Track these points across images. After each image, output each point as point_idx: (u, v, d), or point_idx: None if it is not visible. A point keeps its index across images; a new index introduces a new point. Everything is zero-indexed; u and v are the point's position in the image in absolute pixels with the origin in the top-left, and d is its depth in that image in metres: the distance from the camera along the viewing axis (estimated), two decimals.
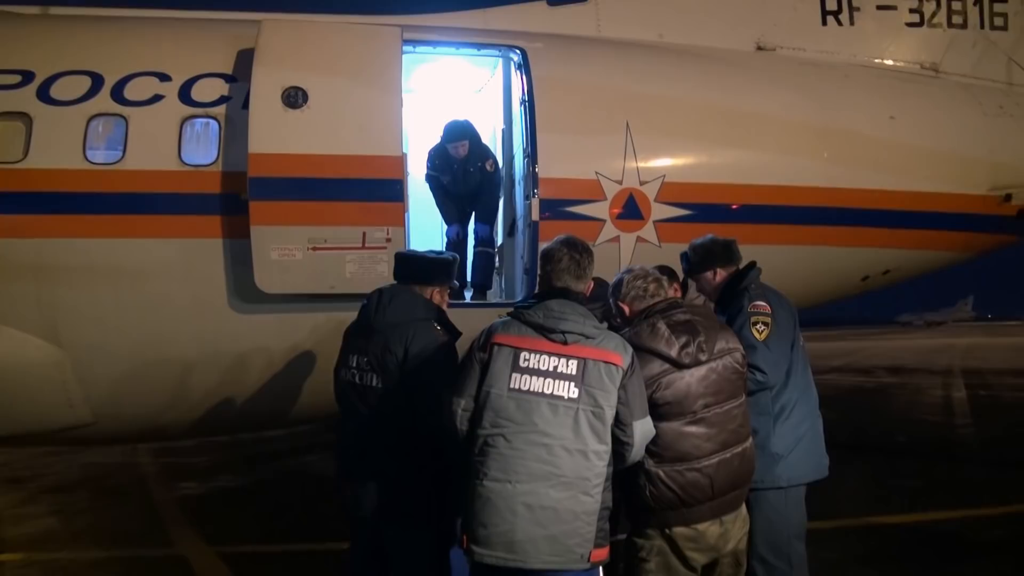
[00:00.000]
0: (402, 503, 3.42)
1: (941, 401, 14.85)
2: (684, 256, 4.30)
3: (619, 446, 2.97)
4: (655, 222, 6.24)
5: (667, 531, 3.21)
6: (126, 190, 5.51)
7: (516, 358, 2.89)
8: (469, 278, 6.68)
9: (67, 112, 5.57)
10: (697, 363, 3.23)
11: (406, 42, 6.18)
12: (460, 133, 6.42)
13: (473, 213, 6.72)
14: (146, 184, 5.54)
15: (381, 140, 5.52)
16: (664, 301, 3.36)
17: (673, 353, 3.19)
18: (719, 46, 7.29)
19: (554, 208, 6.05)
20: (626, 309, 3.42)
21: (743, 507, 3.42)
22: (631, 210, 6.19)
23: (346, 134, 5.49)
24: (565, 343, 2.90)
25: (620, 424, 2.94)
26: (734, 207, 6.44)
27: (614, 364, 2.91)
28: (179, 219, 5.59)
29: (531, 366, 2.87)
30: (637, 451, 3.01)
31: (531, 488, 2.81)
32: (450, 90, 7.77)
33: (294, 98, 5.44)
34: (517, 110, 6.55)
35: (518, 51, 6.41)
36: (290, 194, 5.41)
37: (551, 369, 2.87)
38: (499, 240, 7.13)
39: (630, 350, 3.02)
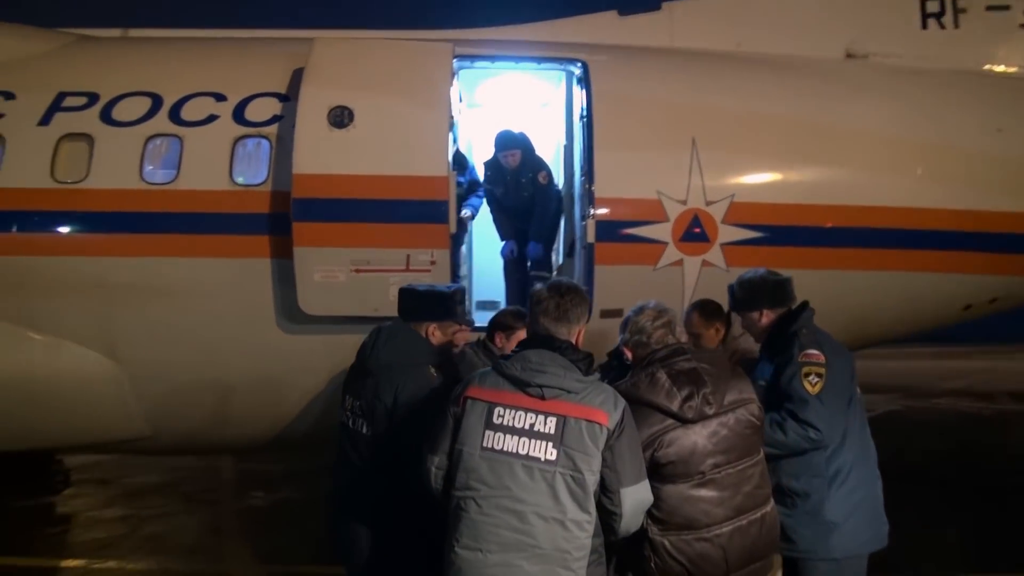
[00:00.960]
0: (390, 558, 3.23)
1: None
2: (731, 290, 3.93)
3: (606, 516, 2.64)
4: (722, 245, 5.81)
5: None
6: (178, 210, 5.58)
7: (490, 414, 2.62)
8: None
9: (126, 133, 5.69)
10: (703, 417, 2.87)
11: (462, 57, 6.04)
12: (511, 142, 6.22)
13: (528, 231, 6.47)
14: (197, 204, 5.59)
15: (426, 160, 5.38)
16: (666, 348, 2.99)
17: (675, 407, 2.85)
18: (804, 54, 6.75)
19: (612, 230, 5.73)
20: (628, 354, 3.08)
21: None
22: (696, 232, 5.78)
23: (391, 154, 5.37)
24: (543, 398, 2.61)
25: (606, 491, 2.62)
26: (811, 229, 5.92)
27: (597, 423, 2.58)
28: (229, 239, 5.63)
29: (505, 423, 2.60)
30: (629, 522, 2.66)
31: (503, 559, 2.53)
32: (517, 104, 7.56)
33: (340, 117, 5.36)
34: (577, 126, 6.26)
35: (579, 64, 6.13)
36: (334, 215, 5.34)
37: (527, 427, 2.58)
38: (560, 260, 6.85)
39: (621, 407, 2.67)
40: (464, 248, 6.93)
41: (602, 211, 5.71)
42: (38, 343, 5.61)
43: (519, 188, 6.35)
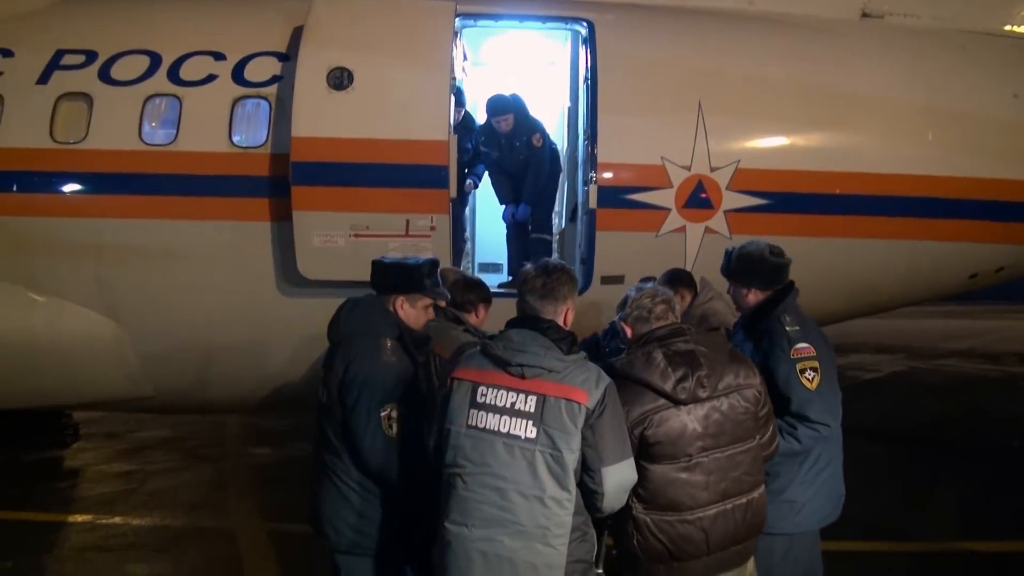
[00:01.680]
0: (348, 530, 3.24)
1: None
2: (727, 255, 3.79)
3: (589, 494, 2.66)
4: (726, 212, 5.74)
5: None
6: (177, 171, 5.54)
7: (474, 393, 2.67)
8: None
9: (125, 92, 5.63)
10: (696, 400, 2.84)
11: (465, 16, 5.91)
12: (502, 106, 6.13)
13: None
14: (196, 166, 5.55)
15: (427, 124, 5.30)
16: (666, 327, 2.95)
17: (668, 387, 2.81)
18: (818, 13, 6.55)
19: (614, 195, 5.67)
20: (628, 331, 3.04)
21: (749, 562, 3.04)
22: (699, 198, 5.71)
23: (391, 117, 5.31)
24: (523, 377, 2.64)
25: (588, 470, 2.62)
26: (817, 196, 5.83)
27: (576, 402, 2.59)
28: (229, 201, 5.60)
29: (488, 402, 2.64)
30: (611, 500, 2.67)
31: (486, 534, 2.60)
32: (523, 63, 7.42)
33: (339, 79, 5.27)
34: (582, 87, 6.14)
35: (585, 23, 5.98)
36: (333, 179, 5.30)
37: (508, 406, 2.62)
38: (562, 225, 6.80)
39: (603, 386, 2.66)
40: (467, 210, 6.88)
41: (604, 176, 5.64)
42: (39, 304, 5.64)
43: (513, 151, 6.27)
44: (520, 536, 2.58)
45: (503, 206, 6.59)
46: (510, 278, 6.46)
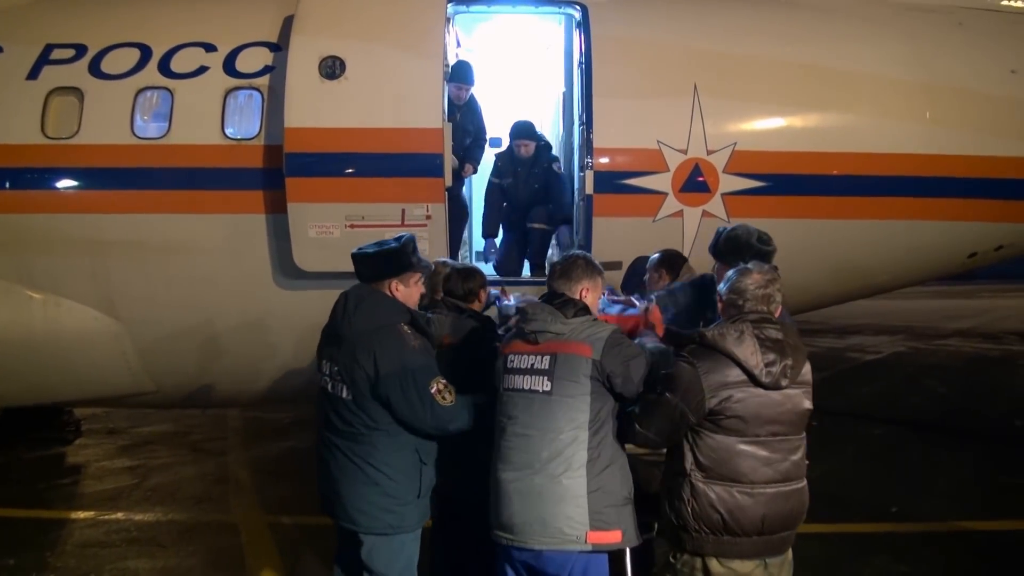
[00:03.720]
0: (382, 513, 3.35)
1: None
2: (717, 234, 3.93)
3: (628, 425, 3.12)
4: (723, 195, 5.70)
5: (704, 560, 2.95)
6: (170, 165, 5.51)
7: (507, 361, 3.23)
8: (527, 256, 6.40)
9: (116, 86, 5.60)
10: (777, 387, 2.93)
11: (457, 2, 5.86)
12: (526, 132, 6.06)
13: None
14: (189, 159, 5.52)
15: (420, 112, 5.26)
16: (758, 313, 3.04)
17: (756, 368, 2.91)
18: None
19: (611, 180, 5.64)
20: (720, 306, 3.14)
21: (789, 553, 3.10)
22: (696, 182, 5.68)
23: (384, 106, 5.27)
24: (536, 342, 3.15)
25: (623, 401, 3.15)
26: (815, 178, 5.80)
27: (582, 356, 3.08)
28: (222, 194, 5.57)
29: (515, 366, 3.19)
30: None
31: (518, 476, 3.09)
32: (517, 49, 7.35)
33: (331, 68, 5.24)
34: (576, 72, 6.10)
35: (578, 7, 5.93)
36: (327, 170, 5.27)
37: (529, 367, 3.14)
38: None
39: (604, 337, 3.09)
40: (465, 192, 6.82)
41: (600, 161, 5.61)
42: (36, 301, 5.62)
43: (531, 178, 6.25)
44: (545, 474, 3.03)
45: (484, 239, 6.55)
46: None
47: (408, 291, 3.51)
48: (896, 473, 7.17)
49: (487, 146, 6.52)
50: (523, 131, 6.22)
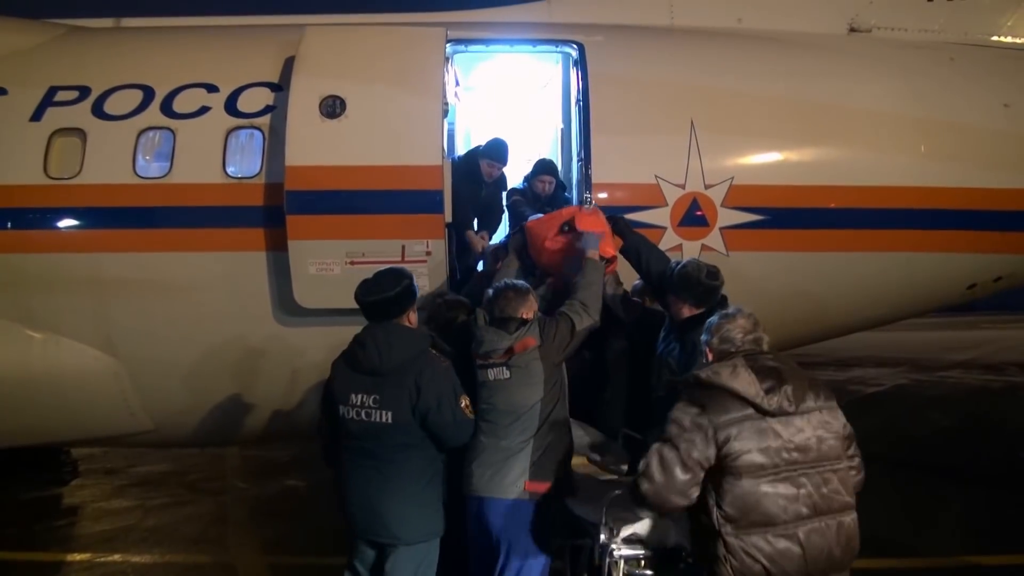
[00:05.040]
0: (422, 523, 3.78)
1: None
2: (670, 267, 4.36)
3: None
4: (722, 229, 5.74)
5: None
6: (172, 204, 5.54)
7: (477, 365, 4.01)
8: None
9: (119, 127, 5.64)
10: (783, 413, 2.87)
11: (456, 41, 5.94)
12: (548, 169, 6.01)
13: None
14: (191, 198, 5.54)
15: (420, 150, 5.30)
16: (751, 343, 3.07)
17: (756, 396, 2.85)
18: (806, 30, 6.62)
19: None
20: (709, 355, 3.14)
21: None
22: (695, 216, 5.71)
23: (384, 144, 5.31)
24: (491, 358, 3.97)
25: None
26: (813, 211, 5.84)
27: (529, 346, 3.88)
28: (224, 232, 5.59)
29: (483, 364, 3.98)
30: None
31: (489, 441, 3.87)
32: (515, 87, 7.44)
33: (332, 107, 5.29)
34: (574, 109, 6.16)
35: (575, 46, 6.02)
36: (328, 207, 5.30)
37: (491, 364, 3.94)
38: None
39: (539, 323, 3.94)
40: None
41: (599, 196, 5.64)
42: (36, 340, 5.61)
43: (542, 211, 6.25)
44: (503, 447, 3.82)
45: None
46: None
47: (416, 317, 4.03)
48: (900, 507, 7.10)
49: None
50: (547, 169, 6.09)
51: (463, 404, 3.83)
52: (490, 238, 6.35)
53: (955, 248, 6.09)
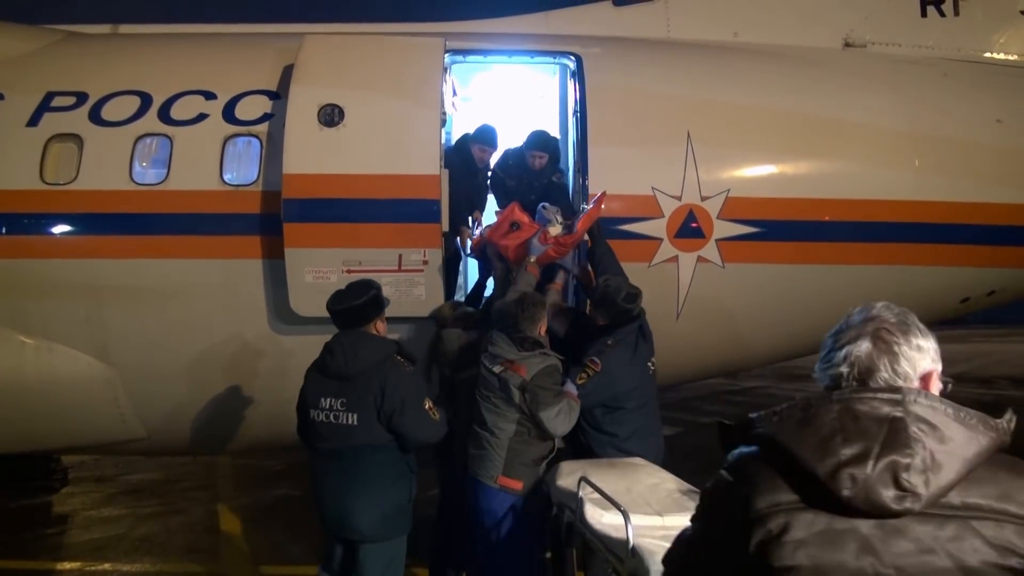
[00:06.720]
0: (385, 521, 3.96)
1: None
2: (600, 284, 4.88)
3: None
4: (718, 240, 5.75)
5: None
6: (169, 211, 5.53)
7: (481, 364, 4.49)
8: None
9: (116, 133, 5.63)
10: (878, 507, 1.49)
11: (454, 52, 5.96)
12: (543, 145, 5.91)
13: None
14: (188, 205, 5.54)
15: (417, 159, 5.32)
16: (859, 374, 1.69)
17: (821, 468, 1.51)
18: (801, 44, 6.66)
19: (605, 226, 5.66)
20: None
21: None
22: (691, 228, 5.73)
23: (381, 153, 5.32)
24: (495, 363, 4.45)
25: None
26: (808, 224, 5.86)
27: (518, 374, 4.29)
28: (220, 240, 5.58)
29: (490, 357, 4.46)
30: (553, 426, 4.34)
31: (476, 429, 4.42)
32: (512, 97, 7.46)
33: (330, 116, 5.30)
34: (571, 120, 6.18)
35: (572, 57, 6.05)
36: (325, 216, 5.30)
37: (491, 372, 4.42)
38: None
39: (537, 367, 4.31)
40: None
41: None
42: (29, 346, 5.58)
43: (532, 188, 6.24)
44: (486, 443, 4.32)
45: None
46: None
47: (384, 326, 4.21)
48: None
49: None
50: (540, 143, 5.96)
51: (427, 406, 4.01)
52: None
53: (949, 262, 6.12)
